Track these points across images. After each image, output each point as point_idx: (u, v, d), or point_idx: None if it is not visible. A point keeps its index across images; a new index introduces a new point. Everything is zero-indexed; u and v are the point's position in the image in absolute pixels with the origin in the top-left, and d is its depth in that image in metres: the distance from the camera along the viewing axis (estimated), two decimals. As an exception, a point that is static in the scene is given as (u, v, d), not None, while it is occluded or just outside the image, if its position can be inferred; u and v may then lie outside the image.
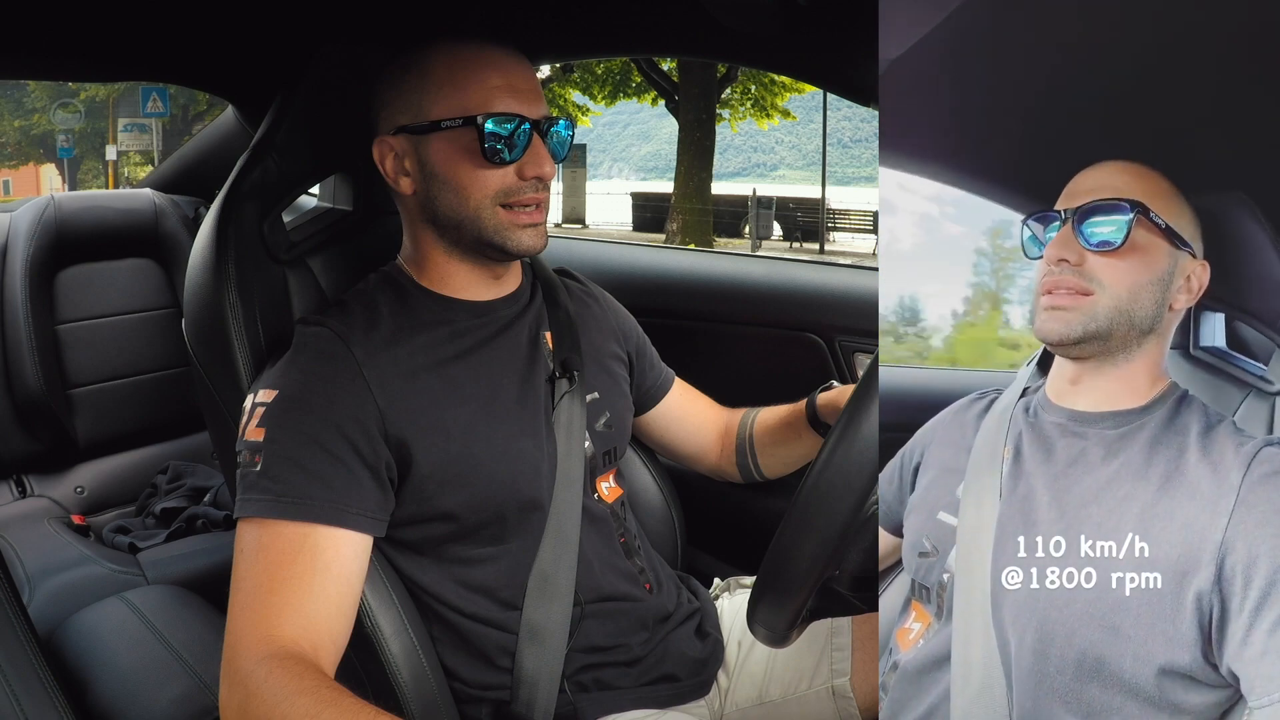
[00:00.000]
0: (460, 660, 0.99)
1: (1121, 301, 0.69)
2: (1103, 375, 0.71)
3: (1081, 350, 0.71)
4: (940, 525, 0.75)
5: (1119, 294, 0.69)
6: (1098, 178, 0.71)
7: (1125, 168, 0.71)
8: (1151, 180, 0.71)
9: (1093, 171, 0.72)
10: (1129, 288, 0.69)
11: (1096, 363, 0.71)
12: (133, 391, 2.14)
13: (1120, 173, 0.71)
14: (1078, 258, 0.69)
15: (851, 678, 1.09)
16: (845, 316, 1.47)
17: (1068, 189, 0.73)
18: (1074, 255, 0.70)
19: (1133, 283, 0.69)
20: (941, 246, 0.79)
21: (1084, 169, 0.73)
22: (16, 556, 1.72)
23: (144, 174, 4.08)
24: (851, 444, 0.72)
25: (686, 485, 1.36)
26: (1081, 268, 0.69)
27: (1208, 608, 0.61)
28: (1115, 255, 0.69)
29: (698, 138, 12.34)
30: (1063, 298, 0.70)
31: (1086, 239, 0.69)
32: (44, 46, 1.13)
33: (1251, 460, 0.64)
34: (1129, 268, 0.69)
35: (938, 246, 0.78)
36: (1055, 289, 0.70)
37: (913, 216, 0.77)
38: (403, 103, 0.98)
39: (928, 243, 0.77)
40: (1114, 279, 0.69)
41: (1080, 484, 0.68)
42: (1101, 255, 0.69)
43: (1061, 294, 0.70)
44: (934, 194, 0.80)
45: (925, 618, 0.76)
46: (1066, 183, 0.73)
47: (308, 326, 0.97)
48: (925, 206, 0.79)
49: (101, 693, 1.33)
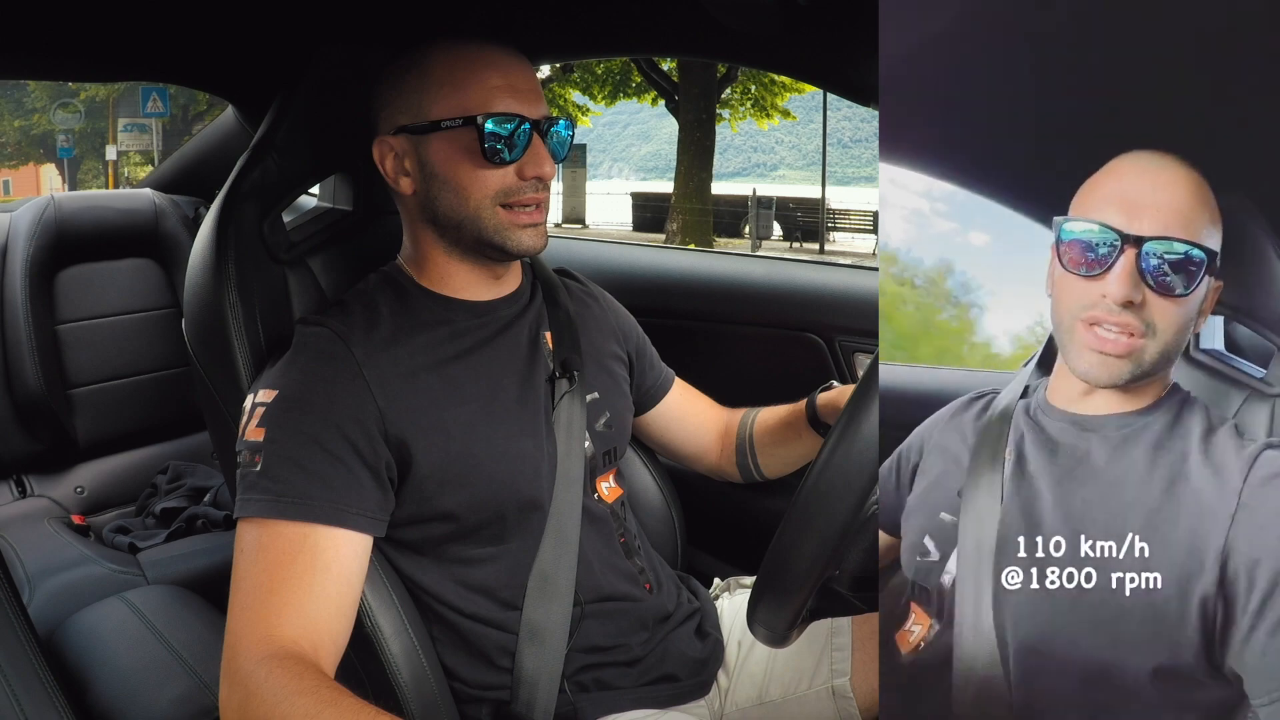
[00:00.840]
0: (460, 660, 0.99)
1: (1168, 345, 0.67)
2: (1119, 390, 0.70)
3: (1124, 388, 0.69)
4: (942, 526, 0.75)
5: (1168, 339, 0.67)
6: (1158, 192, 0.66)
7: (1183, 176, 0.67)
8: (1204, 196, 0.67)
9: (1148, 173, 0.67)
10: (1177, 331, 0.67)
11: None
12: (133, 391, 2.14)
13: (1179, 186, 0.66)
14: (1141, 299, 0.66)
15: (851, 678, 1.09)
16: (845, 316, 1.47)
17: (1123, 197, 0.67)
18: (1139, 297, 0.66)
19: (1181, 325, 0.67)
20: (930, 244, 0.78)
21: (1133, 155, 0.68)
22: (16, 556, 1.72)
23: (144, 174, 4.08)
24: (851, 444, 0.72)
25: (686, 485, 1.36)
26: (1140, 309, 0.66)
27: (1212, 611, 0.62)
28: (1174, 301, 0.66)
29: (698, 138, 12.35)
30: (1113, 345, 0.67)
31: (1151, 277, 0.65)
32: (44, 46, 1.13)
33: (1253, 463, 0.64)
34: (1182, 313, 0.66)
35: (927, 243, 0.77)
36: (1107, 326, 0.67)
37: (903, 212, 0.76)
38: (403, 103, 0.98)
39: (919, 239, 0.76)
40: (1167, 324, 0.66)
41: (1085, 487, 0.68)
42: (1161, 297, 0.66)
43: (1112, 341, 0.67)
44: (924, 189, 0.79)
45: (925, 620, 0.76)
46: (1068, 182, 0.71)
47: (308, 326, 0.97)
48: (916, 202, 0.78)
49: (101, 693, 1.33)
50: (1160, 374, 0.69)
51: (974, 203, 0.79)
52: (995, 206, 0.79)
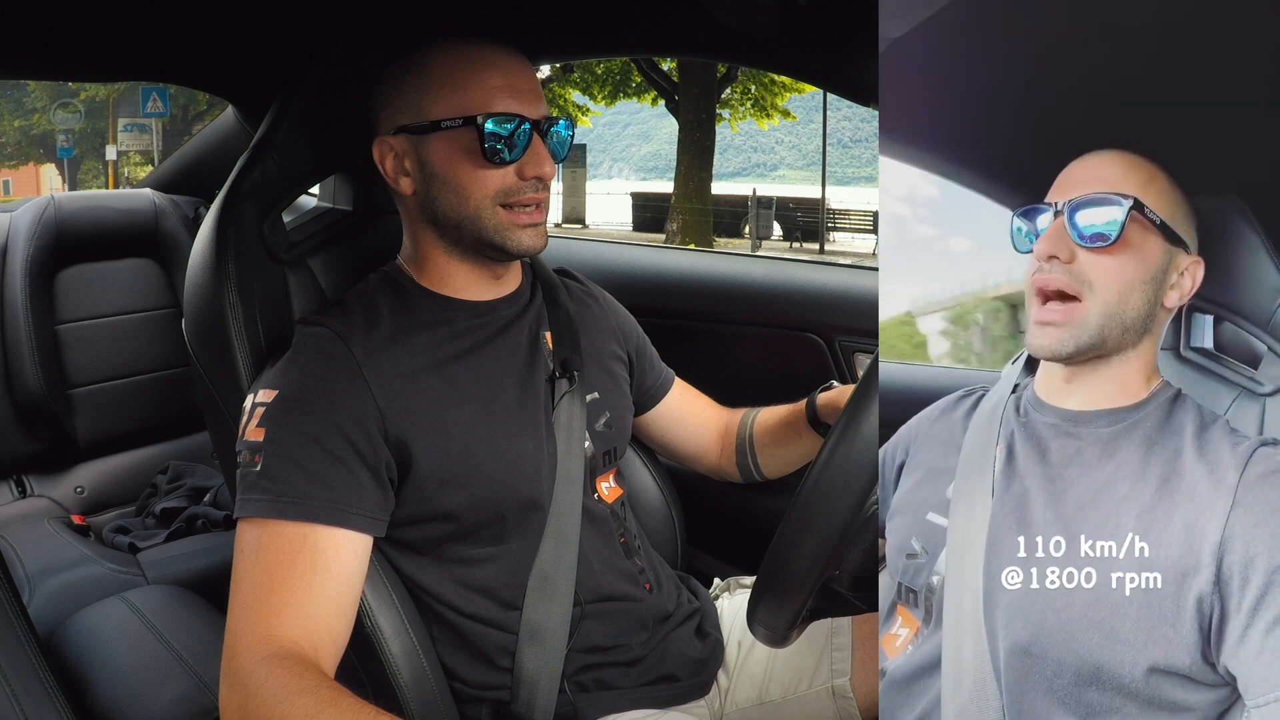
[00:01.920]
0: (460, 660, 0.99)
1: (1111, 305, 0.68)
2: (1096, 375, 0.71)
3: (1074, 359, 0.70)
4: (930, 526, 0.74)
5: (1109, 298, 0.68)
6: (1091, 169, 0.70)
7: (1120, 158, 0.70)
8: (1146, 171, 0.69)
9: (1086, 162, 0.71)
10: (1119, 289, 0.68)
11: (1091, 365, 0.71)
12: (133, 391, 2.14)
13: (1115, 163, 0.70)
14: (1069, 254, 0.68)
15: (851, 678, 1.09)
16: (845, 316, 1.47)
17: (1060, 179, 0.71)
18: (1065, 251, 0.68)
19: (1124, 283, 0.68)
20: (910, 248, 0.78)
21: (1077, 158, 0.71)
22: (16, 556, 1.72)
23: (144, 174, 4.08)
24: (851, 444, 0.72)
25: (686, 485, 1.36)
26: (1072, 265, 0.68)
27: (1208, 609, 0.61)
28: (1107, 252, 0.67)
29: (698, 138, 12.34)
30: (1051, 312, 0.68)
31: (1079, 233, 0.68)
32: (44, 46, 1.13)
33: (1247, 460, 0.64)
34: (1120, 266, 0.68)
35: (906, 248, 0.77)
36: (1044, 290, 0.68)
37: (886, 217, 0.77)
38: (403, 103, 0.98)
39: (898, 243, 0.76)
40: (1105, 279, 0.67)
41: (1077, 485, 0.67)
42: (1093, 252, 0.67)
43: (1050, 309, 0.68)
44: (905, 194, 0.80)
45: (912, 623, 0.75)
46: (1047, 179, 0.72)
47: (308, 326, 0.97)
48: (897, 208, 0.79)
49: (101, 693, 1.33)
50: (1129, 352, 0.69)
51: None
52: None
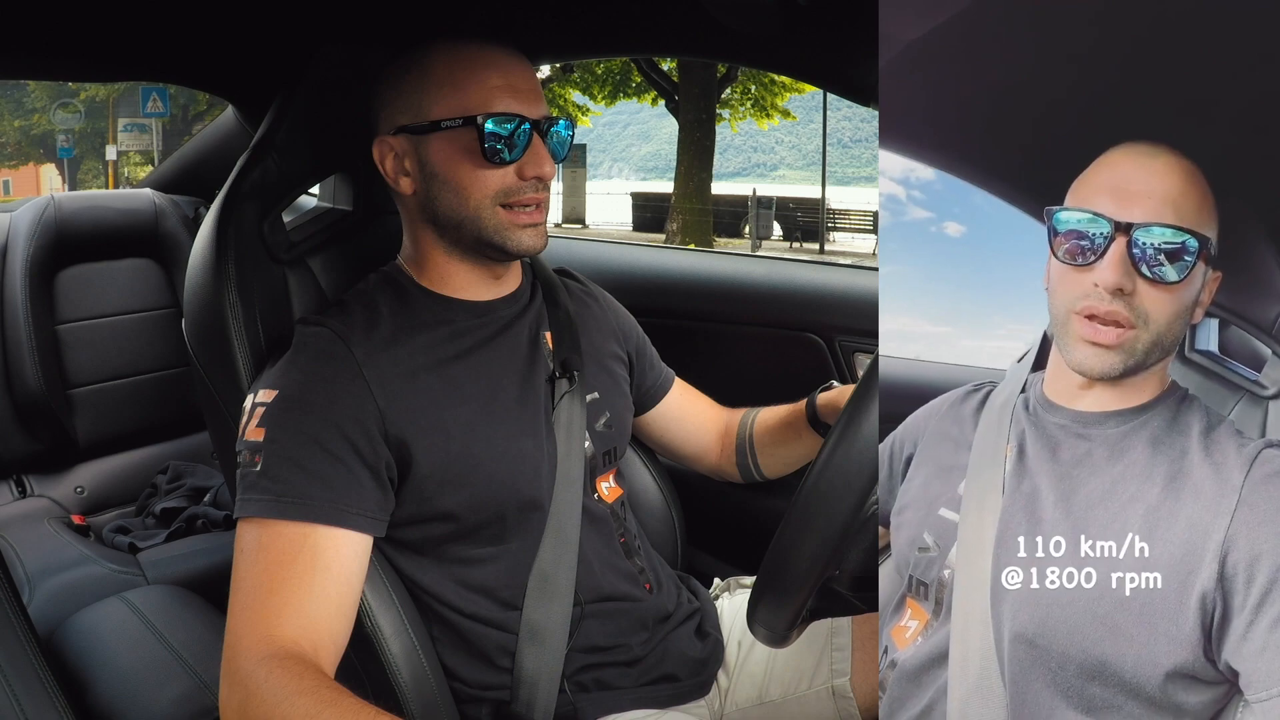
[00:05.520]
0: (460, 660, 0.99)
1: (1162, 336, 0.67)
2: (1115, 384, 0.70)
3: (1119, 380, 0.69)
4: (941, 521, 0.74)
5: (1160, 329, 0.66)
6: (1150, 180, 0.66)
7: (1176, 165, 0.66)
8: (1197, 183, 0.66)
9: (1140, 162, 0.67)
10: (1169, 320, 0.66)
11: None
12: (133, 391, 2.14)
13: (1172, 174, 0.66)
14: (1133, 288, 0.65)
15: (851, 678, 1.09)
16: (845, 316, 1.47)
17: (1115, 185, 0.67)
18: (1130, 285, 0.65)
19: (1175, 314, 0.66)
20: (903, 229, 0.77)
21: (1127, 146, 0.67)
22: (16, 556, 1.72)
23: (144, 174, 4.08)
24: (851, 444, 0.72)
25: (686, 485, 1.36)
26: (1131, 298, 0.65)
27: (1211, 607, 0.62)
28: (1168, 290, 0.65)
29: (698, 138, 12.34)
30: (1105, 335, 0.66)
31: (1147, 267, 0.65)
32: (44, 46, 1.13)
33: (1253, 461, 0.64)
34: (1176, 299, 0.66)
35: (900, 229, 0.76)
36: (1098, 318, 0.66)
37: (883, 199, 0.76)
38: (403, 103, 0.98)
39: (892, 225, 0.75)
40: (1160, 312, 0.66)
41: (1087, 485, 0.68)
42: (1153, 285, 0.65)
43: (1104, 332, 0.66)
44: (902, 175, 0.78)
45: (922, 615, 0.76)
46: (1064, 177, 0.70)
47: (308, 326, 0.97)
48: (892, 188, 0.77)
49: (101, 693, 1.33)
50: (1155, 367, 0.69)
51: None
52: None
